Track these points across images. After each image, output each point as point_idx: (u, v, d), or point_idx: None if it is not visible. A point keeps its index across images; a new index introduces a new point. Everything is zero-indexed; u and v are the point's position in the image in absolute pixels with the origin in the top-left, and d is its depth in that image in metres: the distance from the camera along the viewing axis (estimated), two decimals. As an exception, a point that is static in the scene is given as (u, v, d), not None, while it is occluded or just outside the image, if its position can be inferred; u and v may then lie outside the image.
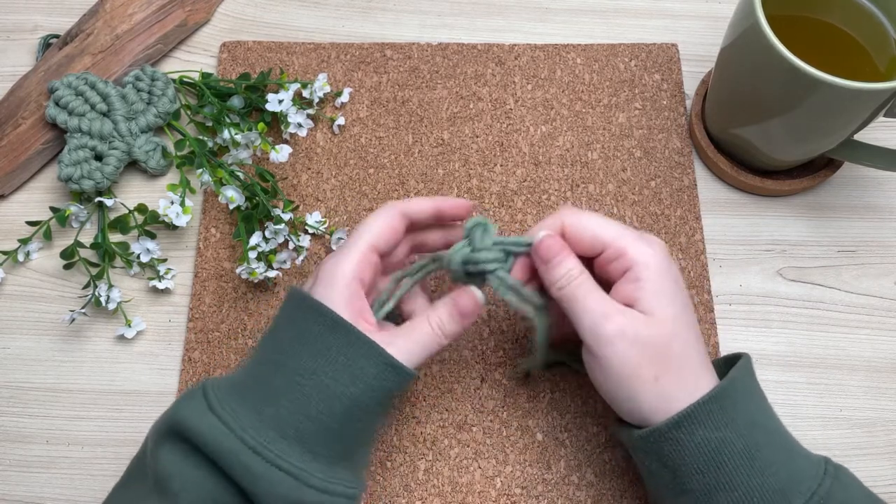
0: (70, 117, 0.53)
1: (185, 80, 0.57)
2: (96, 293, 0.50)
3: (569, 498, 0.46)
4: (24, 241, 0.52)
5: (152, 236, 0.53)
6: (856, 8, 0.49)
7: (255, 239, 0.50)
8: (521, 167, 0.55)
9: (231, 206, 0.51)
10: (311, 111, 0.56)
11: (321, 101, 0.57)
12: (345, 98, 0.57)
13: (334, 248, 0.52)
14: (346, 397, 0.37)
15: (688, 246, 0.53)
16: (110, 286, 0.50)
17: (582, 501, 0.46)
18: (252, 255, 0.50)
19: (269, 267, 0.50)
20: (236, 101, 0.56)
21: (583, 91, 0.58)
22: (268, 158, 0.54)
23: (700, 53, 0.60)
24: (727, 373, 0.38)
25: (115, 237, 0.53)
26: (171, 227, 0.54)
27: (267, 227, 0.51)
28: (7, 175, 0.54)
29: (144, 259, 0.52)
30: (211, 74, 0.58)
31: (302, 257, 0.52)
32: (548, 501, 0.46)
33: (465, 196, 0.54)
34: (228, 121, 0.54)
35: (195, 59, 0.60)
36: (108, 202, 0.52)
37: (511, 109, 0.57)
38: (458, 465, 0.47)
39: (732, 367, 0.39)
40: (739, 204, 0.55)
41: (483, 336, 0.50)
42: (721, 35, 0.51)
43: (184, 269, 0.53)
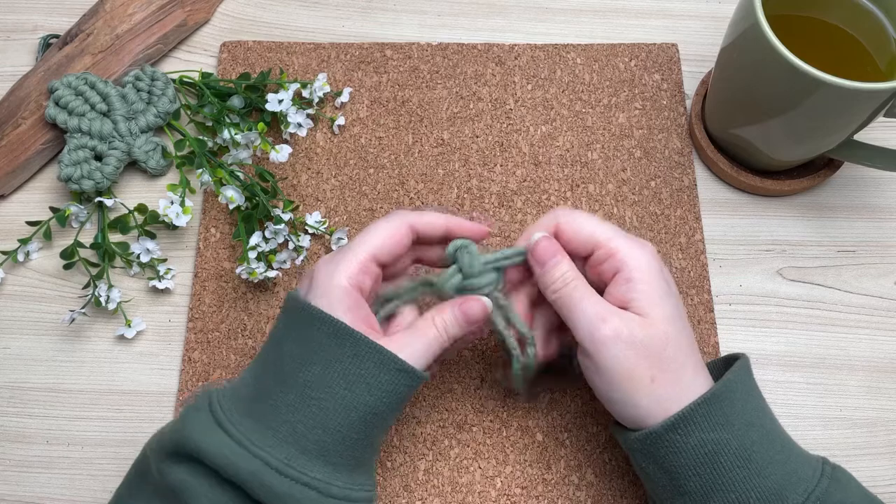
0: (70, 117, 0.53)
1: (185, 80, 0.57)
2: (96, 293, 0.50)
3: (569, 498, 0.46)
4: (24, 241, 0.52)
5: (152, 236, 0.53)
6: (856, 8, 0.49)
7: (255, 239, 0.50)
8: (521, 167, 0.55)
9: (231, 206, 0.51)
10: (310, 111, 0.56)
11: (321, 101, 0.57)
12: (345, 98, 0.57)
13: (334, 248, 0.52)
14: (362, 406, 0.37)
15: (688, 246, 0.53)
16: (110, 286, 0.50)
17: (582, 501, 0.46)
18: (252, 255, 0.50)
19: (269, 267, 0.50)
20: (236, 101, 0.56)
21: (583, 91, 0.58)
22: (268, 158, 0.54)
23: (700, 53, 0.60)
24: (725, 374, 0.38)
25: (115, 237, 0.53)
26: (171, 227, 0.54)
27: (267, 227, 0.51)
28: (7, 175, 0.54)
29: (144, 259, 0.52)
30: (211, 74, 0.58)
31: (302, 257, 0.52)
32: (548, 501, 0.46)
33: (465, 196, 0.54)
34: (228, 121, 0.54)
35: (195, 59, 0.60)
36: (108, 202, 0.52)
37: (511, 109, 0.57)
38: (458, 465, 0.47)
39: (729, 369, 0.39)
40: (739, 204, 0.55)
41: (483, 336, 0.50)
42: (721, 35, 0.51)
43: (184, 269, 0.53)
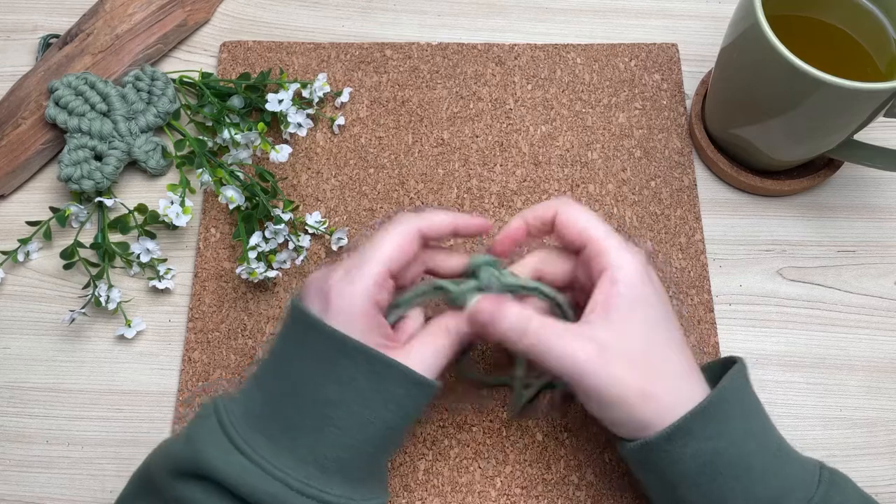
0: (70, 117, 0.53)
1: (185, 79, 0.57)
2: (96, 293, 0.50)
3: (568, 498, 0.46)
4: (24, 241, 0.52)
5: (152, 236, 0.53)
6: (856, 8, 0.49)
7: (255, 239, 0.50)
8: (521, 167, 0.55)
9: (231, 206, 0.51)
10: (310, 111, 0.56)
11: (321, 100, 0.57)
12: (345, 98, 0.57)
13: (334, 248, 0.53)
14: (380, 422, 0.37)
15: (688, 246, 0.53)
16: (110, 286, 0.50)
17: (582, 501, 0.46)
18: (252, 255, 0.50)
19: (269, 267, 0.50)
20: (236, 101, 0.56)
21: (583, 91, 0.58)
22: (268, 158, 0.54)
23: (700, 53, 0.60)
24: (722, 378, 0.38)
25: (115, 237, 0.53)
26: (171, 227, 0.54)
27: (267, 227, 0.51)
28: (7, 175, 0.54)
29: (144, 259, 0.52)
30: (211, 74, 0.58)
31: (302, 257, 0.52)
32: (548, 501, 0.46)
33: (465, 196, 0.55)
34: (228, 121, 0.54)
35: (195, 59, 0.60)
36: (108, 202, 0.52)
37: (511, 109, 0.57)
38: (457, 465, 0.47)
39: (725, 374, 0.38)
40: (739, 204, 0.55)
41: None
42: (721, 35, 0.51)
43: (184, 269, 0.53)
